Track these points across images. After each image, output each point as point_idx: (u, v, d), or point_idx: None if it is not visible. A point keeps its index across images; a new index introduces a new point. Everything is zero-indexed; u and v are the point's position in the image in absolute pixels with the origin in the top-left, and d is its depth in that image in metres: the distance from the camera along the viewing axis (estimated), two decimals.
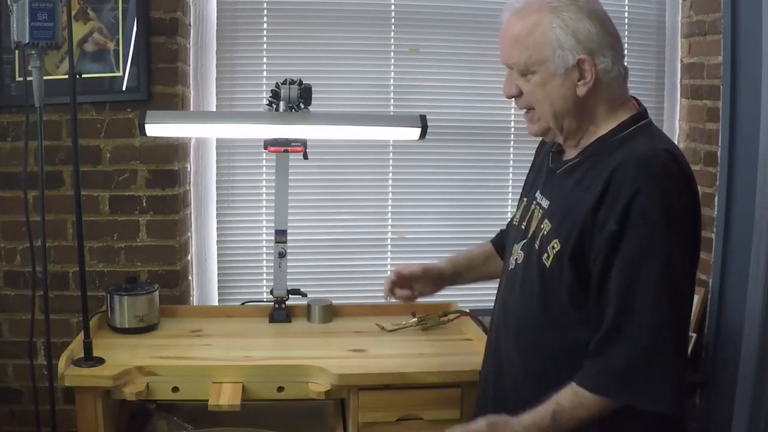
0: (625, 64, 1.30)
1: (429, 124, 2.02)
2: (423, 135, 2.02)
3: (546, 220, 1.31)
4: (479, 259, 1.72)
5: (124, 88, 2.22)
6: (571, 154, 1.35)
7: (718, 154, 2.40)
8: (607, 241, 1.18)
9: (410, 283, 1.70)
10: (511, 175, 2.58)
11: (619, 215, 1.17)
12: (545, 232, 1.30)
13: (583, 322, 1.24)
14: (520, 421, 1.24)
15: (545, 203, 1.35)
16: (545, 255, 1.28)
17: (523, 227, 1.40)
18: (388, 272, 2.58)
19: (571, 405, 1.21)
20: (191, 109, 2.37)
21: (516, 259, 1.39)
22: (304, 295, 2.18)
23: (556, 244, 1.26)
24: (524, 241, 1.37)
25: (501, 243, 1.64)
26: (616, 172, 1.19)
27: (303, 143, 2.05)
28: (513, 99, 1.34)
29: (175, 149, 2.27)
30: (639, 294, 1.17)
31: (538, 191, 1.40)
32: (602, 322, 1.21)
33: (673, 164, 1.20)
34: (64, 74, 2.09)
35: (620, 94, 1.31)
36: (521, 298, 1.35)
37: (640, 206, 1.16)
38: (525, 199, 1.47)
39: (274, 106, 2.04)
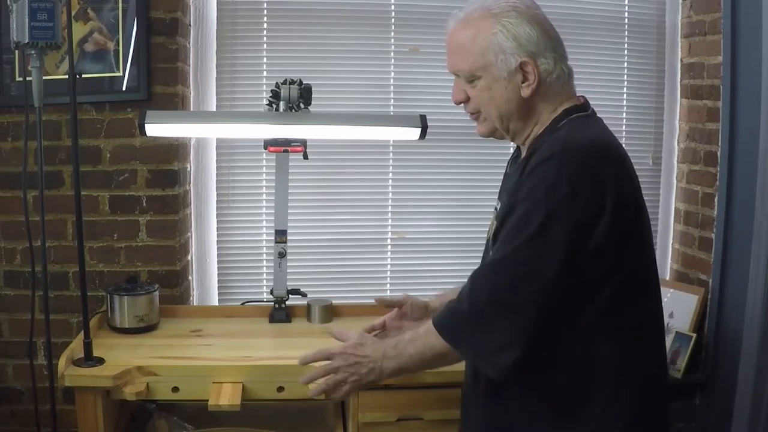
0: (569, 65, 1.34)
1: (429, 124, 2.02)
2: (423, 135, 2.02)
3: (494, 221, 1.35)
4: None
5: (124, 88, 2.22)
6: (525, 153, 1.38)
7: (718, 154, 2.41)
8: (500, 216, 1.27)
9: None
10: None
11: (516, 189, 1.24)
12: (491, 233, 1.34)
13: None
14: (384, 341, 1.41)
15: (498, 206, 1.38)
16: (491, 252, 1.31)
17: (488, 236, 1.42)
18: (388, 272, 2.59)
19: (413, 336, 1.35)
20: (191, 109, 2.37)
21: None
22: (304, 295, 2.19)
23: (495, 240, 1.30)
24: (485, 253, 1.42)
25: None
26: (530, 159, 1.25)
27: (303, 143, 2.05)
28: (461, 105, 1.38)
29: (175, 149, 2.27)
30: (499, 259, 1.23)
31: (498, 197, 1.44)
32: None
33: (580, 150, 1.21)
34: (64, 74, 2.09)
35: (564, 93, 1.34)
36: None
37: (531, 183, 1.21)
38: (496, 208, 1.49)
39: (274, 106, 2.04)
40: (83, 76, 1.90)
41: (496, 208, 1.42)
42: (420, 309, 1.66)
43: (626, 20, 2.62)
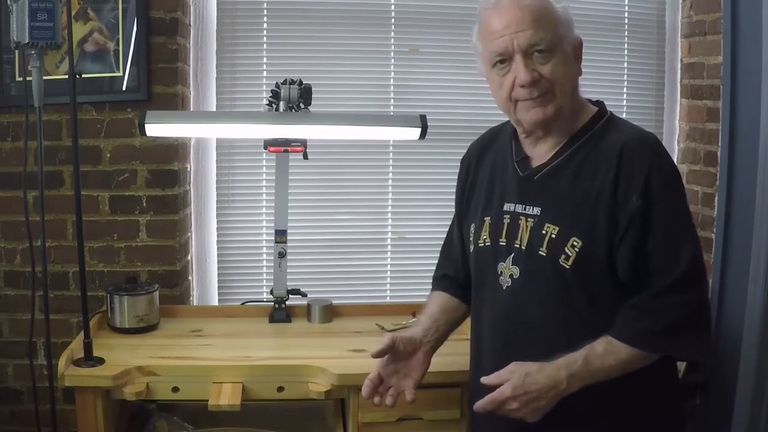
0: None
1: (429, 124, 2.02)
2: (423, 135, 2.02)
3: (547, 225, 1.30)
4: (443, 316, 1.54)
5: (124, 88, 2.22)
6: (542, 156, 1.35)
7: (718, 154, 2.40)
8: (634, 217, 1.23)
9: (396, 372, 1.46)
10: None
11: (641, 191, 1.23)
12: (553, 236, 1.29)
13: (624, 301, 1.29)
14: (554, 362, 1.26)
15: (534, 210, 1.34)
16: (563, 256, 1.27)
17: (502, 244, 1.38)
18: (388, 272, 2.59)
19: (604, 352, 1.25)
20: (191, 109, 2.37)
21: (510, 275, 1.36)
22: (304, 295, 2.19)
23: (576, 242, 1.26)
24: (512, 255, 1.36)
25: (458, 282, 1.57)
26: (624, 154, 1.25)
27: (303, 143, 2.05)
28: (526, 87, 1.30)
29: (175, 149, 2.27)
30: (681, 256, 1.24)
31: (509, 203, 1.38)
32: (641, 287, 1.26)
33: (660, 143, 1.32)
34: (64, 74, 2.09)
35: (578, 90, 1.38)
36: (538, 308, 1.32)
37: (660, 179, 1.24)
38: (488, 218, 1.43)
39: (274, 106, 2.04)
40: (83, 76, 1.90)
41: (516, 213, 1.36)
42: (411, 343, 1.45)
43: (626, 20, 2.62)
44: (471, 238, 1.46)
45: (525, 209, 1.35)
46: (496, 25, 1.29)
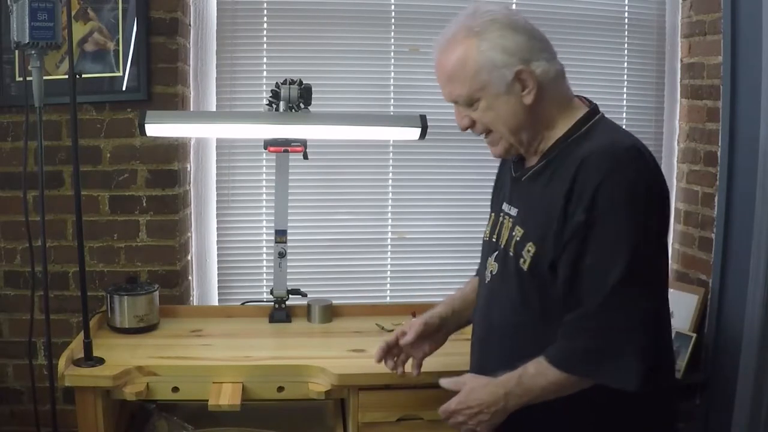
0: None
1: (429, 124, 2.02)
2: (423, 135, 2.02)
3: (517, 227, 1.34)
4: (472, 295, 1.59)
5: (124, 88, 2.22)
6: (532, 160, 1.37)
7: (718, 154, 2.40)
8: (576, 232, 1.22)
9: (415, 346, 1.59)
10: None
11: (586, 205, 1.20)
12: (518, 239, 1.32)
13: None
14: (498, 378, 1.30)
15: (513, 211, 1.38)
16: (521, 260, 1.30)
17: (494, 240, 1.42)
18: (388, 272, 2.59)
19: (535, 372, 1.26)
20: (191, 109, 2.37)
21: (491, 271, 1.40)
22: (304, 295, 2.19)
23: (531, 247, 1.28)
24: (497, 252, 1.40)
25: None
26: (581, 165, 1.22)
27: (303, 143, 2.05)
28: (469, 129, 1.37)
29: (175, 149, 2.27)
30: (611, 278, 1.19)
31: (505, 202, 1.43)
32: (576, 304, 1.24)
33: (633, 152, 1.22)
34: (64, 74, 2.09)
35: (565, 92, 1.34)
36: (502, 308, 1.37)
37: (606, 194, 1.19)
38: (493, 214, 1.49)
39: (274, 106, 2.04)
40: (83, 76, 1.91)
41: (505, 212, 1.40)
42: (436, 324, 1.58)
43: (626, 20, 2.62)
44: (484, 229, 1.53)
45: (509, 209, 1.39)
46: (435, 72, 1.35)
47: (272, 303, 2.15)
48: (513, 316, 1.34)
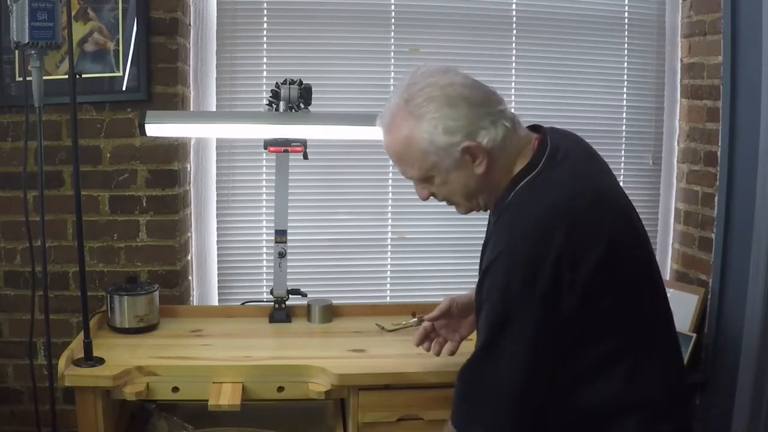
0: (508, 111, 1.28)
1: None
2: None
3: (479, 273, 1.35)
4: None
5: (124, 88, 2.22)
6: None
7: (718, 154, 2.40)
8: (480, 276, 1.26)
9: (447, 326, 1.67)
10: None
11: (479, 287, 1.24)
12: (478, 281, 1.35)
13: None
14: None
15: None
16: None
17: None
18: (388, 272, 2.59)
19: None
20: (191, 109, 2.37)
21: None
22: (304, 295, 2.18)
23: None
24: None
25: None
26: (487, 246, 1.28)
27: (303, 143, 2.05)
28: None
29: (175, 149, 2.27)
30: (485, 362, 1.21)
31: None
32: None
33: (532, 236, 1.17)
34: (64, 74, 2.09)
35: (516, 147, 1.28)
36: None
37: (487, 283, 1.21)
38: None
39: (274, 106, 2.04)
40: (83, 76, 1.91)
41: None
42: (468, 308, 1.62)
43: (626, 20, 2.62)
44: None
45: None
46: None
47: (272, 303, 2.15)
48: None
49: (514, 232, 1.19)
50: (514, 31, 2.55)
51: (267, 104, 2.08)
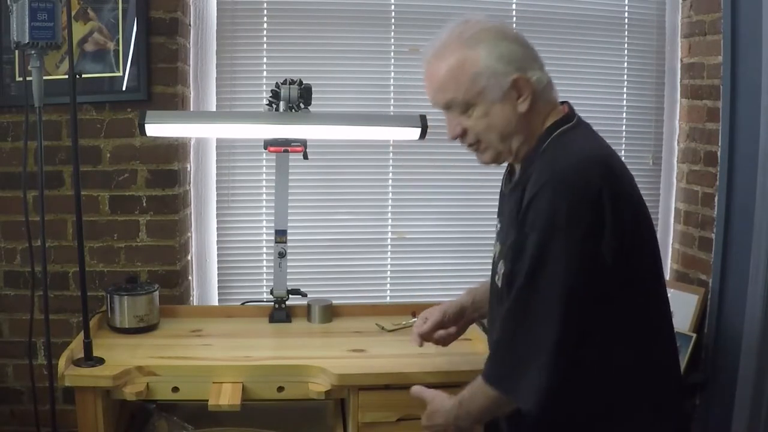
0: (625, 64, 1.37)
1: (429, 124, 2.02)
2: (423, 135, 2.02)
3: (497, 243, 1.37)
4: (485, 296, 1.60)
5: (124, 88, 2.22)
6: (517, 171, 1.38)
7: (718, 154, 2.40)
8: (503, 240, 1.30)
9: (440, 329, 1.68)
10: None
11: (520, 225, 1.22)
12: (496, 255, 1.36)
13: None
14: (449, 404, 1.37)
15: (499, 226, 1.41)
16: (497, 276, 1.33)
17: (493, 259, 1.43)
18: (388, 272, 2.59)
19: (470, 394, 1.31)
20: (191, 109, 2.37)
21: (500, 276, 1.40)
22: (304, 295, 2.19)
23: (502, 266, 1.30)
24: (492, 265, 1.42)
25: None
26: (528, 181, 1.24)
27: (303, 143, 2.05)
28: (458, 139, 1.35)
29: (175, 149, 2.27)
30: (528, 296, 1.20)
31: (497, 215, 1.45)
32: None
33: (569, 173, 1.19)
34: (64, 74, 2.09)
35: (550, 102, 1.33)
36: (490, 320, 1.43)
37: (533, 214, 1.20)
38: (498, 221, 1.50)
39: (274, 106, 2.04)
40: (83, 76, 1.90)
41: (497, 228, 1.43)
42: (460, 313, 1.65)
43: (626, 20, 2.62)
44: None
45: (497, 224, 1.43)
46: (425, 80, 1.36)
47: (272, 303, 2.15)
48: (495, 327, 1.37)
49: (557, 166, 1.21)
50: None
51: (267, 104, 2.08)
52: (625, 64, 2.63)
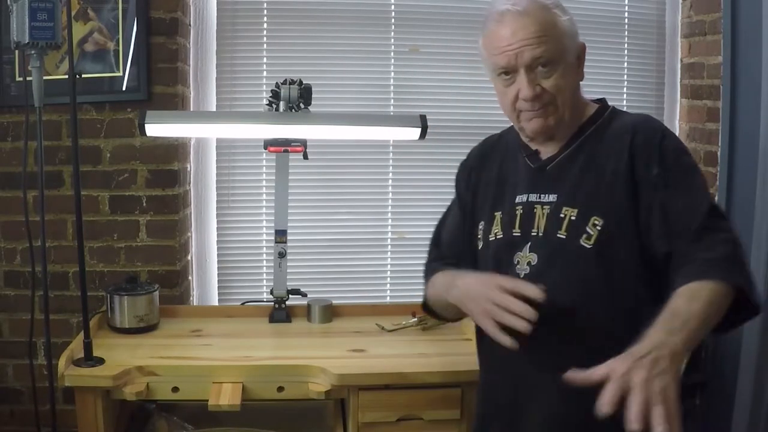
0: (625, 64, 1.42)
1: (429, 124, 2.02)
2: (423, 135, 2.02)
3: (565, 209, 1.33)
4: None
5: (124, 88, 2.22)
6: (551, 149, 1.38)
7: (718, 154, 2.40)
8: (657, 184, 1.28)
9: None
10: None
11: (657, 160, 1.28)
12: (572, 218, 1.31)
13: (648, 281, 1.29)
14: (646, 334, 1.12)
15: (550, 197, 1.35)
16: (583, 237, 1.29)
17: (517, 234, 1.38)
18: (388, 272, 2.59)
19: (686, 299, 1.16)
20: (191, 109, 2.37)
21: (529, 262, 1.35)
22: (304, 295, 2.19)
23: (597, 221, 1.29)
24: (529, 243, 1.36)
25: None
26: (636, 133, 1.31)
27: (303, 143, 2.05)
28: (528, 101, 1.32)
29: (175, 149, 2.27)
30: (702, 202, 1.28)
31: (525, 194, 1.39)
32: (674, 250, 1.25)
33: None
34: (64, 74, 2.09)
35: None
36: (559, 293, 1.28)
37: (671, 146, 1.30)
38: (498, 213, 1.43)
39: (274, 106, 2.04)
40: (83, 76, 1.91)
41: (531, 202, 1.37)
42: None
43: (626, 20, 2.62)
44: (480, 236, 1.47)
45: (540, 197, 1.37)
46: (501, 38, 1.32)
47: (272, 303, 2.15)
48: (573, 294, 1.30)
49: (653, 118, 1.39)
50: None
51: (267, 104, 2.08)
52: (625, 64, 2.63)
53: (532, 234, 1.36)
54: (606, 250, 1.28)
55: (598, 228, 1.28)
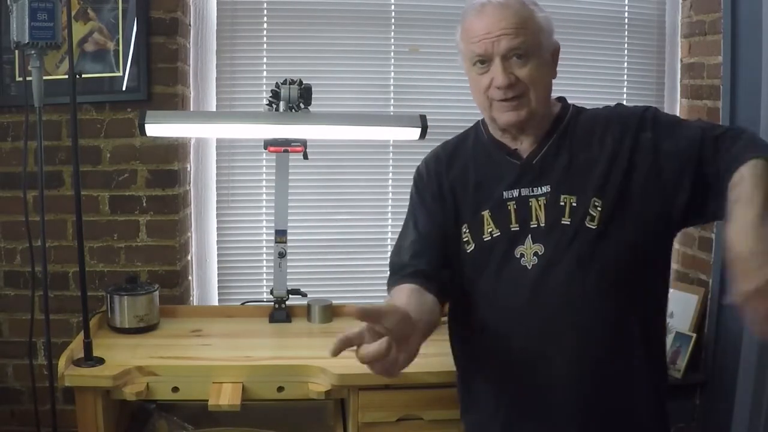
0: (625, 64, 1.45)
1: (429, 124, 2.02)
2: (423, 135, 2.02)
3: (563, 196, 1.35)
4: (420, 308, 1.40)
5: (124, 88, 2.22)
6: (528, 147, 1.41)
7: None
8: (655, 144, 1.33)
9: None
10: None
11: (649, 126, 1.35)
12: (573, 204, 1.34)
13: (663, 248, 1.40)
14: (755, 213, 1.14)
15: (543, 189, 1.37)
16: (587, 219, 1.32)
17: (515, 229, 1.38)
18: (388, 273, 2.58)
19: (760, 175, 1.19)
20: (191, 109, 2.37)
21: (535, 253, 1.36)
22: (304, 295, 2.19)
23: (597, 202, 1.32)
24: (530, 235, 1.36)
25: (433, 278, 1.49)
26: (611, 116, 1.39)
27: (303, 143, 2.05)
28: (501, 89, 1.35)
29: (175, 149, 2.27)
30: (702, 124, 1.36)
31: (515, 190, 1.40)
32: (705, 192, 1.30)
33: None
34: (64, 74, 2.09)
35: None
36: (570, 277, 1.32)
37: (653, 111, 1.38)
38: (485, 212, 1.41)
39: (274, 106, 2.04)
40: (83, 76, 1.91)
41: (524, 197, 1.38)
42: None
43: (626, 20, 2.62)
44: (467, 238, 1.45)
45: (532, 191, 1.38)
46: (480, 27, 1.37)
47: (272, 303, 2.15)
48: (584, 276, 1.32)
49: (618, 103, 1.47)
50: None
51: (267, 104, 2.08)
52: (625, 64, 2.63)
53: (532, 226, 1.37)
54: (611, 227, 1.32)
55: (599, 209, 1.32)
